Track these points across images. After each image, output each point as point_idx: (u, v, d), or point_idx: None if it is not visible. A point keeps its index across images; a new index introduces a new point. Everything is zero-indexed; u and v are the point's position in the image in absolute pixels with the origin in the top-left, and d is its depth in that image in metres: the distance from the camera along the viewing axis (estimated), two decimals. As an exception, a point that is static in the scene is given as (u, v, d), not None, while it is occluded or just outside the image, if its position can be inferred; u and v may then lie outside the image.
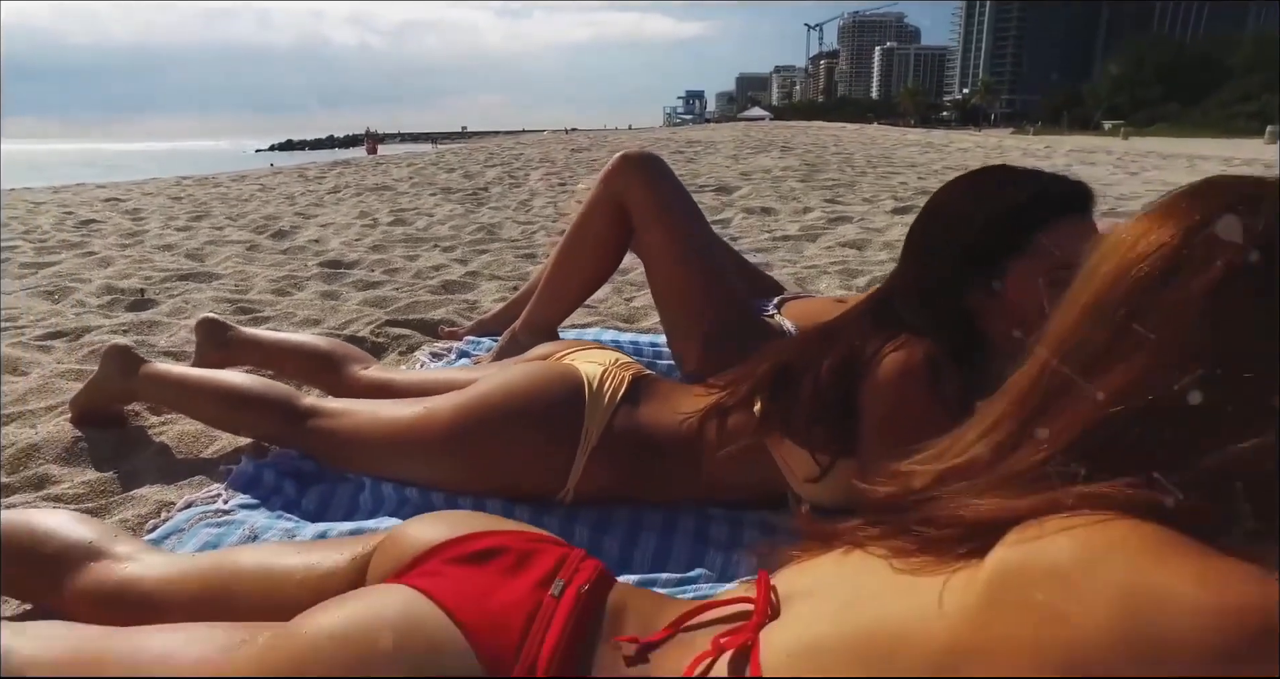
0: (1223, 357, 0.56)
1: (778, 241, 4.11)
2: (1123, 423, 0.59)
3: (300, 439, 1.52)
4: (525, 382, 1.37)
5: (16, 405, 1.94)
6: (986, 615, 0.57)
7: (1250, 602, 0.48)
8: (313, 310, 2.80)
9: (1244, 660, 0.46)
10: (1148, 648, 0.48)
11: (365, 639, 0.70)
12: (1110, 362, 0.61)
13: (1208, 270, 0.57)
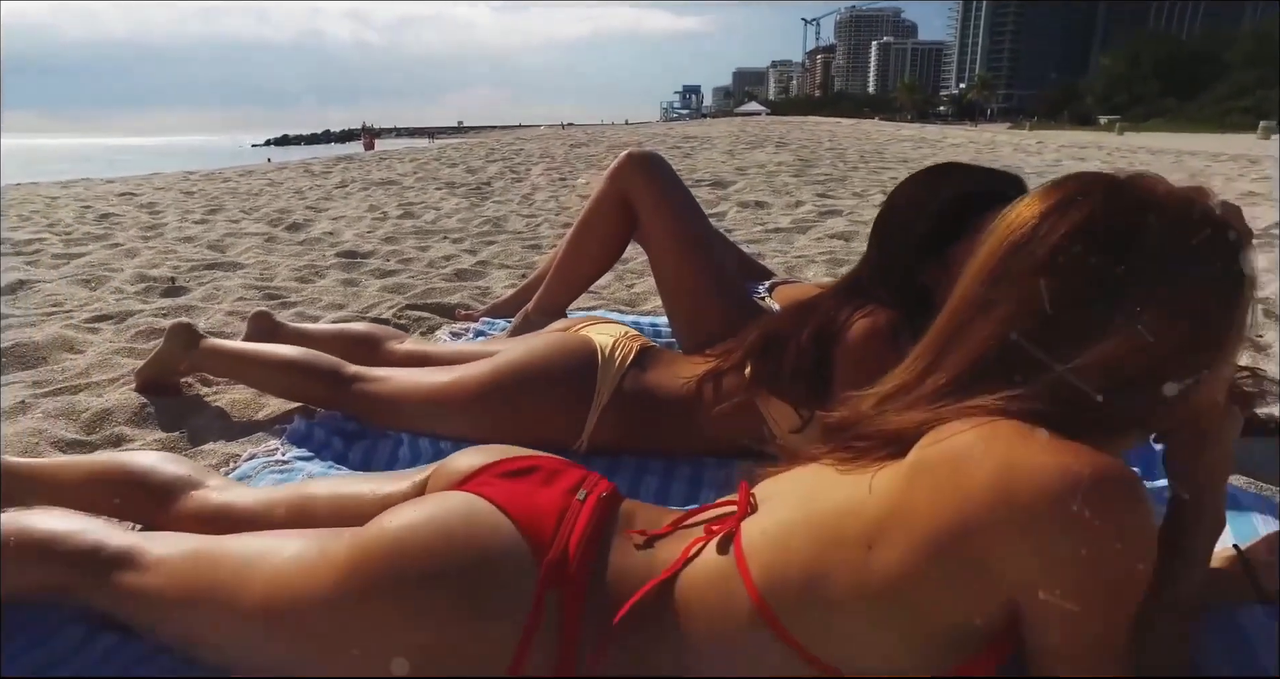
0: (1060, 302, 0.78)
1: (770, 233, 4.33)
2: (999, 352, 0.81)
3: (346, 401, 1.74)
4: (547, 348, 1.59)
5: (81, 378, 2.15)
6: (905, 493, 0.78)
7: (1083, 463, 0.69)
8: (336, 296, 3.01)
9: (1078, 502, 0.68)
10: (1013, 499, 0.70)
11: (441, 526, 0.92)
12: (989, 308, 0.82)
13: (1052, 239, 0.79)
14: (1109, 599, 0.72)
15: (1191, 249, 0.78)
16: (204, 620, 0.98)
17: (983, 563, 0.72)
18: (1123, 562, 0.70)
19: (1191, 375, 0.78)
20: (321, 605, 0.90)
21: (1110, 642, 0.74)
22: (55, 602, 1.08)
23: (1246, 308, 0.80)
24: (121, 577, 1.03)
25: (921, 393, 0.86)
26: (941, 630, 0.78)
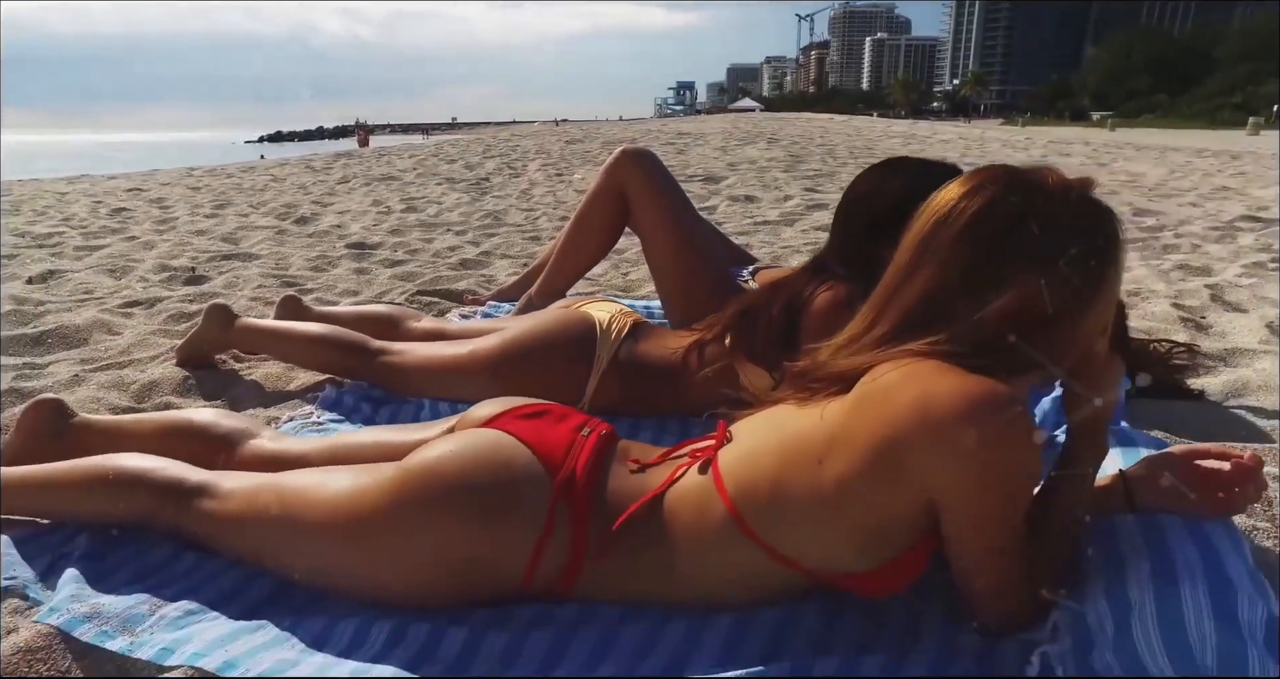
0: (972, 265, 0.99)
1: (758, 226, 4.54)
2: (926, 307, 1.02)
3: (371, 372, 1.94)
4: (551, 323, 1.81)
5: (124, 356, 2.35)
6: (848, 418, 0.99)
7: (983, 391, 0.90)
8: (350, 283, 3.21)
9: (977, 419, 0.89)
10: (928, 417, 0.91)
11: (473, 452, 1.13)
12: (917, 273, 1.03)
13: (964, 217, 1.00)
14: (1001, 494, 0.93)
15: (1069, 225, 0.99)
16: (271, 536, 1.19)
17: (906, 468, 0.93)
18: (1010, 465, 0.92)
19: (1071, 325, 0.99)
20: (374, 517, 1.10)
21: (1006, 532, 0.96)
22: (147, 525, 1.28)
23: (1114, 271, 1.01)
24: (201, 503, 1.24)
25: (866, 342, 1.07)
26: (878, 528, 0.99)
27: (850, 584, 1.05)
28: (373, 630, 1.07)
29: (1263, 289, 3.08)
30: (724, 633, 1.05)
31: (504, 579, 1.11)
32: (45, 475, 1.35)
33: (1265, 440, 1.72)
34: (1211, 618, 0.89)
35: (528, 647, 1.04)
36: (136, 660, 1.03)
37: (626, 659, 1.02)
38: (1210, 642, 0.88)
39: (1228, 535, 1.01)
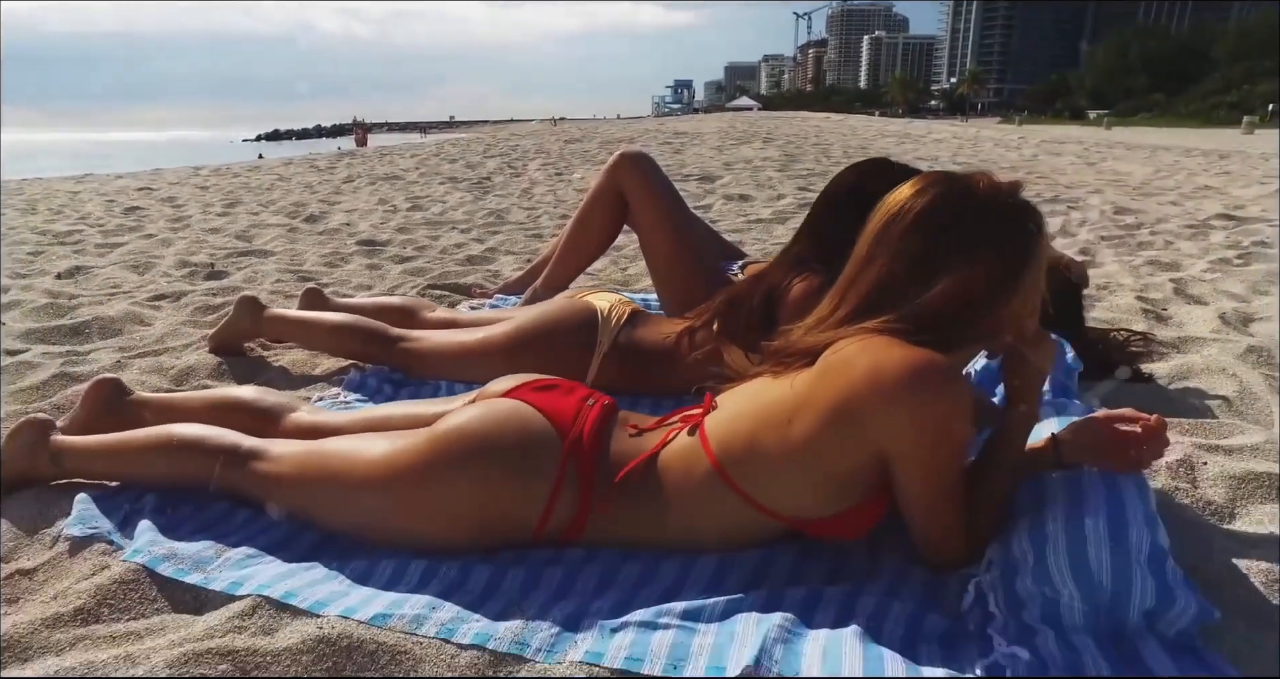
0: (917, 256, 1.17)
1: (751, 223, 4.73)
2: (880, 291, 1.20)
3: (391, 357, 2.13)
4: (557, 311, 1.99)
5: (158, 344, 2.53)
6: (813, 385, 1.18)
7: (924, 360, 1.09)
8: (363, 278, 3.39)
9: (919, 384, 1.07)
10: (879, 381, 1.09)
11: (494, 417, 1.31)
12: (873, 262, 1.22)
13: (910, 216, 1.18)
14: (939, 447, 1.12)
15: (996, 222, 1.17)
16: (319, 493, 1.37)
17: (861, 425, 1.12)
18: (946, 422, 1.10)
19: (1000, 307, 1.18)
20: (409, 474, 1.29)
21: (946, 481, 1.14)
22: (204, 486, 1.46)
23: (1035, 261, 1.19)
24: (255, 465, 1.42)
25: (830, 322, 1.25)
26: (839, 478, 1.18)
27: (817, 529, 1.24)
28: (409, 568, 1.25)
29: (1224, 283, 3.27)
30: (710, 570, 1.24)
31: (520, 527, 1.29)
32: (113, 442, 1.53)
33: (1200, 416, 1.90)
34: (1108, 546, 1.08)
35: (543, 580, 1.23)
36: (210, 591, 1.21)
37: (626, 590, 1.21)
38: (1106, 565, 1.07)
39: (1134, 484, 1.19)
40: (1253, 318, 2.77)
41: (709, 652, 1.05)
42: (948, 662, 1.04)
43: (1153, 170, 9.02)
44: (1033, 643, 1.04)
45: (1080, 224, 4.94)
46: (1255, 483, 1.54)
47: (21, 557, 1.36)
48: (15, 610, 1.20)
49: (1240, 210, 5.49)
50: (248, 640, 1.08)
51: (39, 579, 1.29)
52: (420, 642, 1.08)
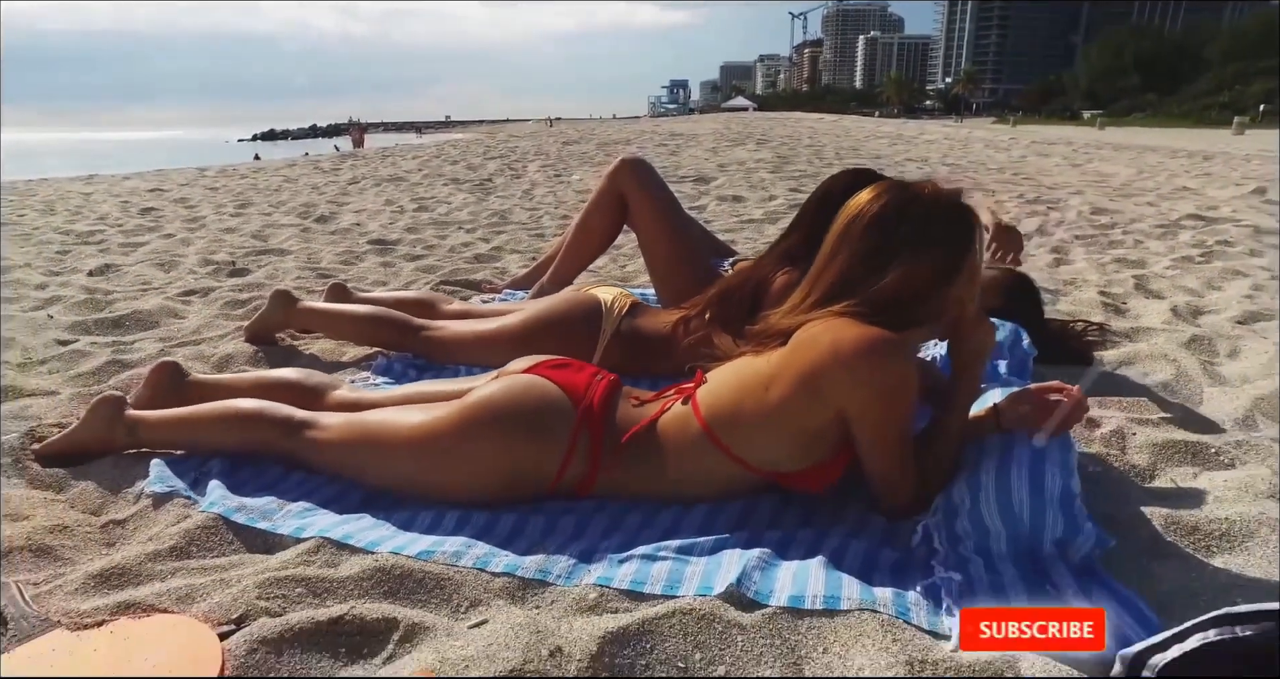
0: (872, 251, 1.40)
1: (744, 224, 4.95)
2: (842, 281, 1.43)
3: (414, 345, 2.35)
4: (565, 301, 2.22)
5: (195, 335, 2.75)
6: (786, 358, 1.40)
7: (875, 336, 1.32)
8: (378, 275, 3.61)
9: (871, 356, 1.30)
10: (838, 353, 1.32)
11: (516, 389, 1.53)
12: (837, 256, 1.44)
13: (866, 217, 1.41)
14: (889, 408, 1.34)
15: (938, 223, 1.40)
16: (366, 456, 1.60)
17: (824, 391, 1.34)
18: (894, 387, 1.33)
19: (941, 295, 1.41)
20: (444, 439, 1.51)
21: (897, 439, 1.37)
22: (260, 452, 1.69)
23: (970, 256, 1.42)
24: (308, 433, 1.65)
25: (802, 308, 1.48)
26: (807, 436, 1.40)
27: (789, 481, 1.47)
28: (445, 517, 1.48)
29: (1182, 279, 3.51)
30: (701, 517, 1.47)
31: (539, 482, 1.52)
32: (183, 415, 1.75)
33: (1137, 395, 2.13)
34: (1028, 491, 1.31)
35: (559, 525, 1.45)
36: (278, 535, 1.43)
37: (630, 533, 1.43)
38: (1025, 505, 1.30)
39: (1058, 443, 1.42)
40: (1202, 311, 3.01)
41: (699, 577, 1.27)
42: (895, 584, 1.27)
43: (1136, 172, 9.26)
44: (966, 570, 1.27)
45: (1058, 224, 5.17)
46: (1174, 449, 1.77)
47: (111, 511, 1.58)
48: (116, 550, 1.42)
49: (1212, 211, 5.72)
50: (317, 570, 1.31)
51: (130, 527, 1.51)
52: (460, 571, 1.30)
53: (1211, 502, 1.55)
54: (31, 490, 1.64)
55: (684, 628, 1.15)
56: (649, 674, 1.08)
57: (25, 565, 1.35)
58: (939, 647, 1.12)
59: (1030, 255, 4.13)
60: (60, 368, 2.41)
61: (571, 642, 1.12)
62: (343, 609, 1.19)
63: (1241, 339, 2.61)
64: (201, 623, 1.17)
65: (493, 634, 1.13)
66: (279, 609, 1.20)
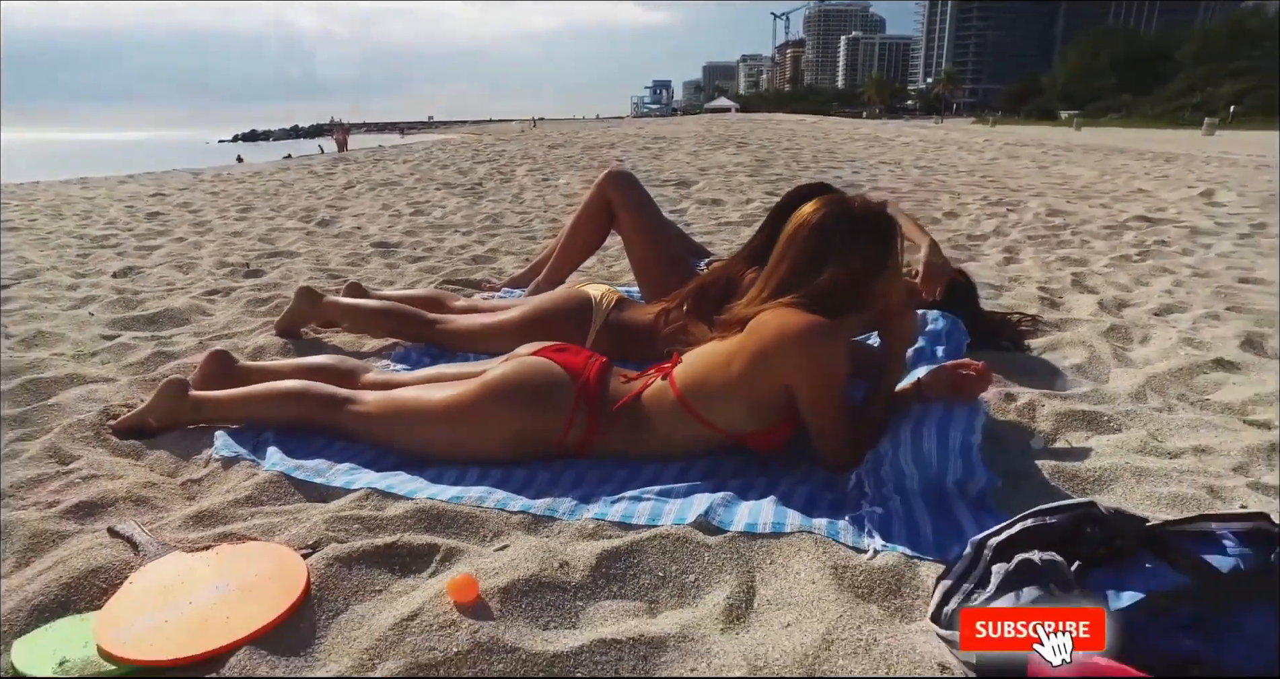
0: (813, 254, 1.74)
1: (721, 226, 5.30)
2: (789, 278, 1.77)
3: (428, 336, 2.67)
4: (559, 297, 2.55)
5: (226, 330, 3.05)
6: (743, 341, 1.74)
7: (814, 321, 1.66)
8: (384, 276, 3.93)
9: (810, 336, 1.64)
10: (784, 334, 1.66)
11: (526, 368, 1.87)
12: (785, 258, 1.78)
13: (809, 226, 1.75)
14: (824, 380, 1.68)
15: (865, 232, 1.74)
16: (400, 425, 1.92)
17: (773, 366, 1.68)
18: (827, 362, 1.67)
19: (868, 290, 1.75)
20: (466, 409, 1.84)
21: (832, 406, 1.71)
22: (305, 425, 2.01)
23: (891, 259, 1.76)
24: (349, 407, 1.97)
25: (758, 300, 1.82)
26: (761, 403, 1.74)
27: (748, 440, 1.80)
28: (468, 473, 1.80)
29: (1116, 277, 3.88)
30: (677, 470, 1.81)
31: (545, 444, 1.85)
32: (241, 394, 2.07)
33: (1053, 375, 2.49)
34: (935, 443, 1.66)
35: (562, 478, 1.78)
36: (332, 487, 1.75)
37: (620, 483, 1.76)
38: (934, 454, 1.65)
39: (967, 407, 1.77)
40: (1127, 304, 3.37)
41: (675, 512, 1.61)
42: (830, 516, 1.61)
43: (1098, 174, 9.68)
44: (886, 505, 1.61)
45: (1014, 225, 5.55)
46: (1073, 417, 2.13)
47: (186, 472, 1.90)
48: (200, 500, 1.74)
49: (1159, 212, 6.12)
50: (369, 512, 1.63)
51: (206, 484, 1.83)
52: (484, 510, 1.63)
53: (1093, 457, 1.90)
54: (116, 457, 1.95)
55: (663, 547, 1.48)
56: (636, 580, 1.42)
57: (129, 512, 1.67)
58: (858, 558, 1.46)
59: (984, 255, 4.50)
60: (111, 359, 2.72)
61: (576, 557, 1.45)
62: (394, 538, 1.51)
63: (1153, 328, 2.98)
64: (286, 547, 1.49)
65: (514, 554, 1.46)
66: (344, 538, 1.53)
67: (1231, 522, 1.07)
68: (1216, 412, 2.22)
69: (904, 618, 1.32)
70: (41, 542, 1.54)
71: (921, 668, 1.17)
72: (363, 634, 1.26)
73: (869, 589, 1.38)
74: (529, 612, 1.32)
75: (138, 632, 1.24)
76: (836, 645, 1.22)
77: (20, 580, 1.41)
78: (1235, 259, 4.33)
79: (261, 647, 1.23)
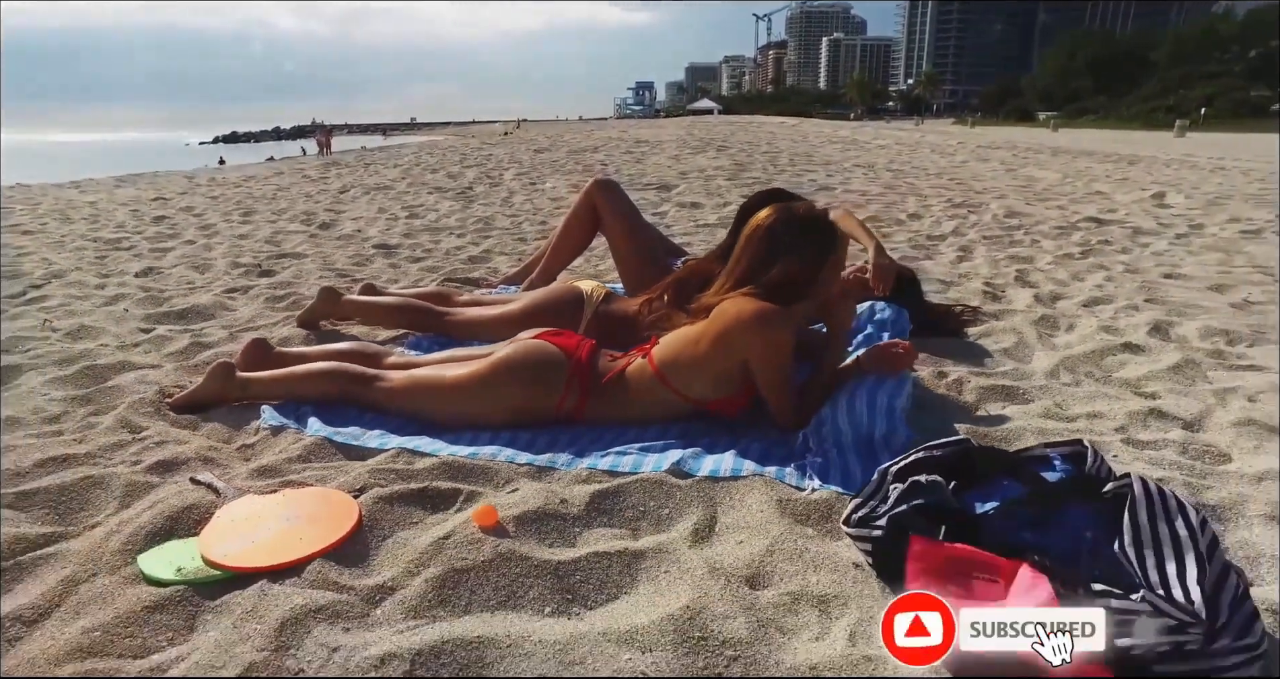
0: (765, 253, 2.11)
1: (700, 228, 5.67)
2: (746, 273, 2.14)
3: (438, 327, 3.03)
4: (554, 291, 2.91)
5: (251, 324, 3.39)
6: (708, 325, 2.12)
7: (765, 308, 2.03)
8: (389, 275, 4.27)
9: (762, 320, 2.01)
10: (741, 318, 2.03)
11: (527, 349, 2.22)
12: (743, 256, 2.15)
13: (762, 229, 2.12)
14: (773, 357, 2.05)
15: (809, 234, 2.11)
16: (421, 399, 2.27)
17: (732, 344, 2.05)
18: (776, 342, 2.04)
19: (811, 283, 2.11)
20: (479, 384, 2.20)
21: (780, 378, 2.08)
22: (338, 400, 2.35)
23: (831, 257, 2.13)
24: (376, 384, 2.32)
25: (721, 291, 2.18)
26: (723, 376, 2.11)
27: (712, 406, 2.17)
28: (481, 436, 2.16)
29: (1056, 273, 4.27)
30: (655, 431, 2.17)
31: (545, 412, 2.21)
32: (278, 374, 2.41)
33: (983, 357, 2.87)
34: (866, 405, 2.03)
35: (560, 439, 2.14)
36: (368, 448, 2.10)
37: (608, 442, 2.12)
38: (864, 415, 2.02)
39: (894, 380, 2.14)
40: (1060, 297, 3.77)
41: (653, 463, 1.97)
42: (779, 465, 1.97)
43: (1061, 177, 10.13)
44: (825, 456, 1.98)
45: (973, 226, 5.95)
46: (994, 391, 2.50)
47: (239, 439, 2.24)
48: (257, 460, 2.08)
49: (1110, 214, 6.55)
50: (401, 466, 1.98)
51: (259, 448, 2.17)
52: (496, 463, 1.99)
53: (1005, 421, 2.28)
54: (177, 428, 2.29)
55: (643, 489, 1.84)
56: (622, 513, 1.78)
57: (201, 468, 2.01)
58: (799, 494, 1.82)
59: (940, 253, 4.89)
60: (153, 348, 3.05)
61: (573, 497, 1.81)
62: (424, 484, 1.86)
63: (1079, 318, 3.37)
64: (339, 490, 1.84)
65: (523, 494, 1.82)
66: (384, 484, 1.88)
67: (1059, 447, 1.45)
68: (1115, 386, 2.61)
69: (833, 538, 1.68)
70: (136, 490, 1.88)
71: (840, 567, 1.53)
72: (408, 550, 1.62)
73: (806, 516, 1.75)
74: (537, 534, 1.67)
75: (233, 549, 1.59)
76: (777, 553, 1.59)
77: (129, 515, 1.75)
78: (1166, 257, 4.74)
79: (330, 560, 1.58)
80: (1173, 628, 1.16)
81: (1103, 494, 1.36)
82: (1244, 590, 1.23)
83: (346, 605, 1.44)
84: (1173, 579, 1.19)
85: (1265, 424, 2.22)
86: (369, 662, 1.28)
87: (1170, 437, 2.18)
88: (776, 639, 1.36)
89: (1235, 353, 2.92)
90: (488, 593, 1.49)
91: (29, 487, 1.88)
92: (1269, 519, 1.70)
